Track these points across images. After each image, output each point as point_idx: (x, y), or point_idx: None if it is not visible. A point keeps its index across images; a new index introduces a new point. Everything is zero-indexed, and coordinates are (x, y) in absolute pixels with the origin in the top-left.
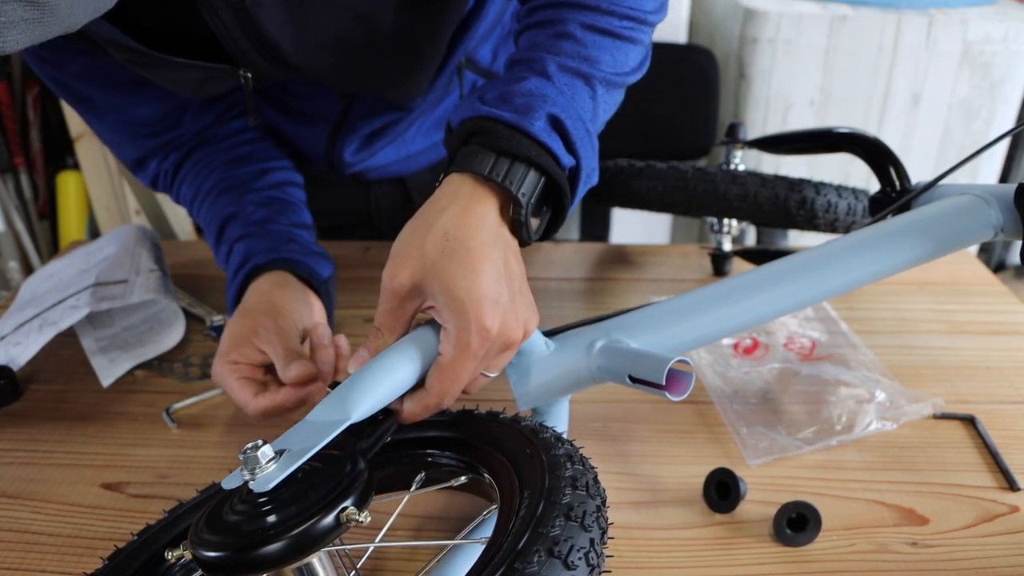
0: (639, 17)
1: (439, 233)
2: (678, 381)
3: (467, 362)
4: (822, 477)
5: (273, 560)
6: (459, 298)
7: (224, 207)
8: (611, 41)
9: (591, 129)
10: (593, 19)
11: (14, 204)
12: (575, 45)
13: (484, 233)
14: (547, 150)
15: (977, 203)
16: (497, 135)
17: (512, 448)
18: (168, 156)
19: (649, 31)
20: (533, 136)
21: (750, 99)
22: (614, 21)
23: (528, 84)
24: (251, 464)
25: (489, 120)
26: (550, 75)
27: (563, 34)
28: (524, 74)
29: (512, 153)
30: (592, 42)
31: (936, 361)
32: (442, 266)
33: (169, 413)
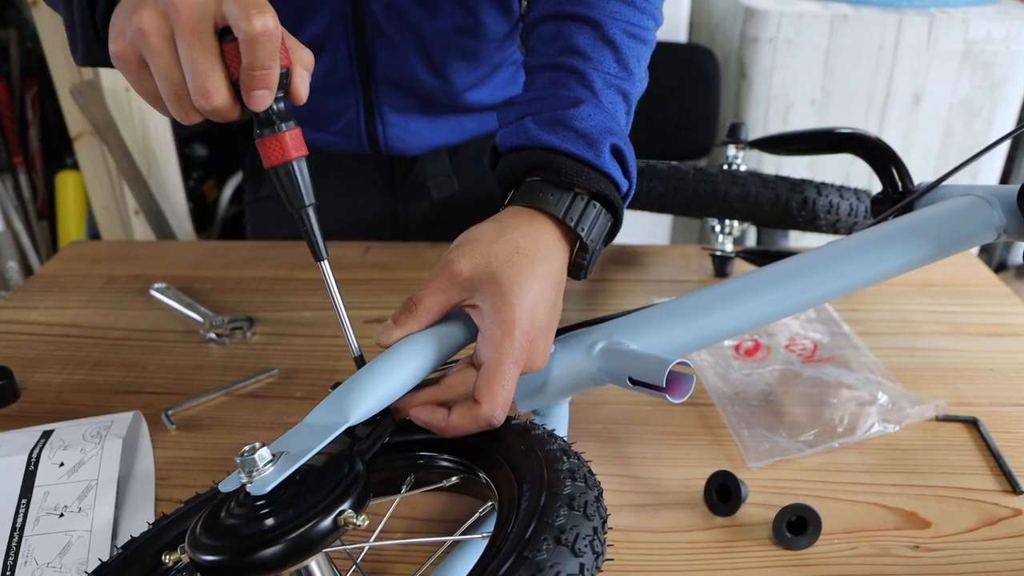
0: (656, 17)
1: (511, 243)
2: (679, 383)
3: (511, 367)
4: (823, 480)
5: (271, 564)
6: (512, 304)
7: None
8: (640, 47)
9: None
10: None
11: (13, 204)
12: (616, 54)
13: (550, 262)
14: (612, 180)
15: (980, 204)
16: (566, 171)
17: (506, 445)
18: None
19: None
20: (600, 169)
21: (751, 99)
22: (644, 22)
23: (584, 109)
24: (248, 467)
25: (554, 153)
26: (598, 93)
27: (607, 40)
28: (574, 92)
29: (574, 184)
30: (629, 50)
31: (938, 363)
32: (505, 271)
33: (168, 415)
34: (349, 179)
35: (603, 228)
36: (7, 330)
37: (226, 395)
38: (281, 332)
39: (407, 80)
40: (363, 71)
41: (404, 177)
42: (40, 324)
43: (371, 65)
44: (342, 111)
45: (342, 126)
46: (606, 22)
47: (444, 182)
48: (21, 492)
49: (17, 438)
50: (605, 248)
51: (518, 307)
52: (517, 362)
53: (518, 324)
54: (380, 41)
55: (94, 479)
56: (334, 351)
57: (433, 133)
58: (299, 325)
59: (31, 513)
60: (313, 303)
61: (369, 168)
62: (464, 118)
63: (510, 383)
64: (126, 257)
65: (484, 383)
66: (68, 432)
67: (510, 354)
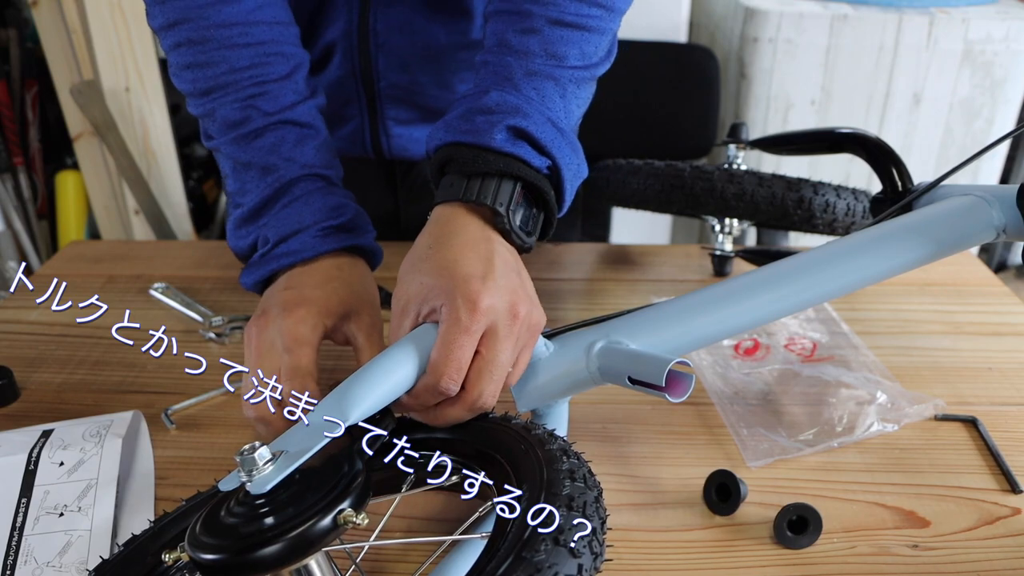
0: (607, 4)
1: (423, 248)
2: (678, 383)
3: (459, 336)
4: (823, 479)
5: (270, 562)
6: (443, 279)
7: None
8: (579, 34)
9: (564, 127)
10: (561, 11)
11: (13, 204)
12: (542, 43)
13: (466, 235)
14: (516, 158)
15: (979, 204)
16: (463, 160)
17: (506, 445)
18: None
19: (618, 19)
20: (496, 150)
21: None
22: (583, 9)
23: (488, 99)
24: (248, 466)
25: (454, 146)
26: (516, 83)
27: (529, 30)
28: (487, 85)
29: (481, 172)
30: (559, 38)
31: (937, 362)
32: (427, 267)
33: (168, 414)
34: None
35: (509, 193)
36: (7, 330)
37: (225, 394)
38: None
39: (412, 95)
40: (367, 87)
41: (405, 178)
42: (40, 324)
43: (375, 83)
44: (347, 120)
45: (347, 133)
46: (534, 11)
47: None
48: (21, 491)
49: (17, 438)
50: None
51: (450, 278)
52: (467, 329)
53: (459, 291)
54: (385, 59)
55: (94, 478)
56: (333, 351)
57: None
58: None
59: (31, 512)
60: None
61: (371, 169)
62: None
63: (457, 351)
64: (126, 257)
65: (433, 355)
66: (68, 431)
67: (456, 323)
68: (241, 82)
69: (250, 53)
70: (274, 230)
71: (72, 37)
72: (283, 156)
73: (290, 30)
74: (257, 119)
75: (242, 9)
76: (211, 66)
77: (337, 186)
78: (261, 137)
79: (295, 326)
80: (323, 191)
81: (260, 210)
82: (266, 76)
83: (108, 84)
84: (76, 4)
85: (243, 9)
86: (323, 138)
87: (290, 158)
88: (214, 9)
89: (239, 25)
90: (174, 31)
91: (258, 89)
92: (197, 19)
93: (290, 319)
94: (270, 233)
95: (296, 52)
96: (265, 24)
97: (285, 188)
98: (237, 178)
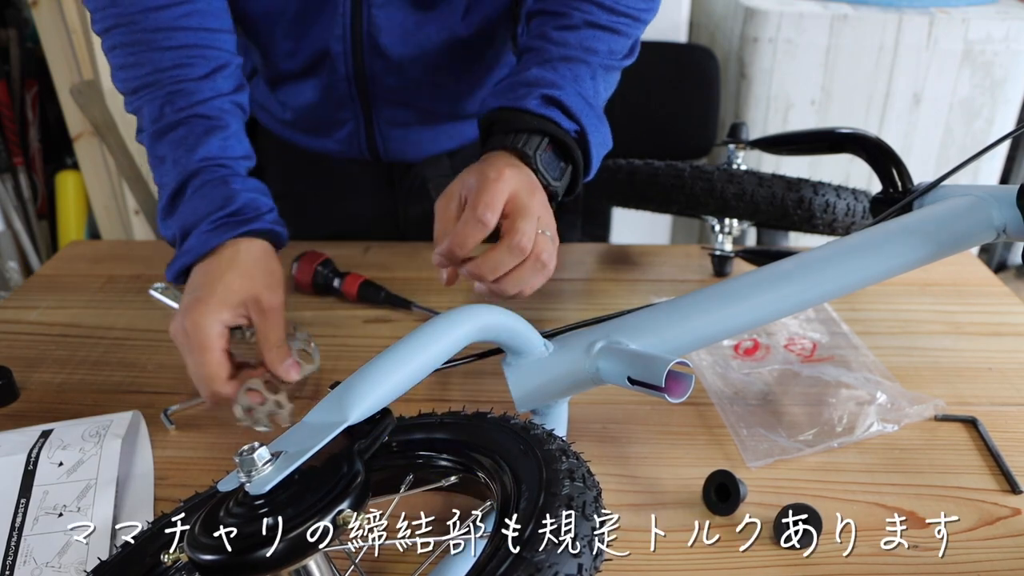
0: (634, 15)
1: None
2: (677, 383)
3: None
4: (822, 479)
5: (269, 563)
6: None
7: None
8: (609, 35)
9: (594, 103)
10: (595, 17)
11: (13, 204)
12: (577, 38)
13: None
14: (547, 119)
15: (979, 204)
16: (504, 120)
17: (505, 445)
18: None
19: (641, 27)
20: (531, 111)
21: (751, 99)
22: (613, 18)
23: (529, 74)
24: (247, 466)
25: (498, 111)
26: (554, 64)
27: (567, 27)
28: (529, 65)
29: (517, 128)
30: (592, 36)
31: (937, 362)
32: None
33: (167, 415)
34: (349, 181)
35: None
36: (7, 330)
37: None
38: None
39: (406, 96)
40: (361, 90)
41: (403, 178)
42: (39, 324)
43: (368, 86)
44: (343, 123)
45: (344, 136)
46: (572, 13)
47: (444, 182)
48: (20, 492)
49: (16, 438)
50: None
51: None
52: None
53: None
54: (378, 62)
55: (93, 478)
56: (333, 351)
57: (433, 142)
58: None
59: (30, 512)
60: (312, 303)
61: (369, 170)
62: (462, 124)
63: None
64: (126, 257)
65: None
66: (67, 432)
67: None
68: (163, 81)
69: (172, 55)
70: (177, 227)
71: (72, 37)
72: (187, 148)
73: (217, 36)
74: (170, 115)
75: (169, 16)
76: (139, 67)
77: (237, 175)
78: (173, 131)
79: (195, 330)
80: (217, 182)
81: (171, 203)
82: (185, 76)
83: (108, 84)
84: (76, 4)
85: (170, 16)
86: (232, 130)
87: (192, 150)
88: (144, 15)
89: (165, 30)
90: (110, 35)
91: (176, 87)
92: (129, 24)
93: (190, 320)
94: (176, 230)
95: (220, 55)
96: (190, 30)
97: (187, 181)
98: (155, 171)
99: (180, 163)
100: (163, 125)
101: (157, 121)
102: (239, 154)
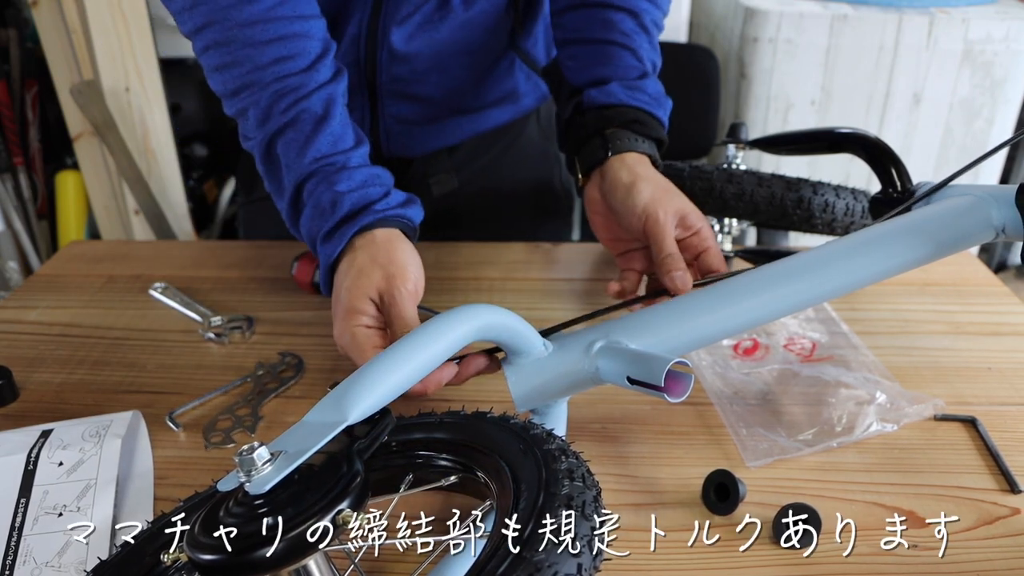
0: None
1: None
2: (677, 383)
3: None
4: (822, 479)
5: (269, 563)
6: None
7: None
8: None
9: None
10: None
11: (13, 204)
12: (651, 40)
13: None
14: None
15: (978, 204)
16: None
17: (504, 445)
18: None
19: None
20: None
21: (751, 99)
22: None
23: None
24: (247, 466)
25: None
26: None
27: (644, 27)
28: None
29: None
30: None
31: (937, 362)
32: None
33: (172, 418)
34: None
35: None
36: (6, 330)
37: (226, 395)
38: (280, 332)
39: (412, 90)
40: (369, 82)
41: (403, 177)
42: (39, 324)
43: (377, 77)
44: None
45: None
46: (642, 14)
47: (444, 178)
48: (20, 491)
49: (16, 437)
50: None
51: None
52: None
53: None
54: (388, 56)
55: (93, 478)
56: (333, 350)
57: (435, 138)
58: (298, 325)
59: (30, 512)
60: (312, 302)
61: None
62: (463, 119)
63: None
64: (126, 257)
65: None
66: (67, 431)
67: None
68: (265, 79)
69: (271, 49)
70: (305, 236)
71: (72, 37)
72: (297, 151)
73: (310, 23)
74: (278, 116)
75: (261, 8)
76: (237, 65)
77: (346, 168)
78: (282, 134)
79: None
80: (325, 187)
81: (292, 208)
82: (288, 71)
83: (108, 84)
84: (76, 4)
85: (262, 8)
86: (339, 120)
87: (302, 152)
88: (236, 9)
89: (259, 23)
90: (202, 34)
91: (280, 84)
92: (222, 20)
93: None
94: (304, 239)
95: (317, 43)
96: (285, 19)
97: (301, 185)
98: (269, 174)
99: (292, 168)
100: (273, 128)
101: (265, 124)
102: (349, 144)
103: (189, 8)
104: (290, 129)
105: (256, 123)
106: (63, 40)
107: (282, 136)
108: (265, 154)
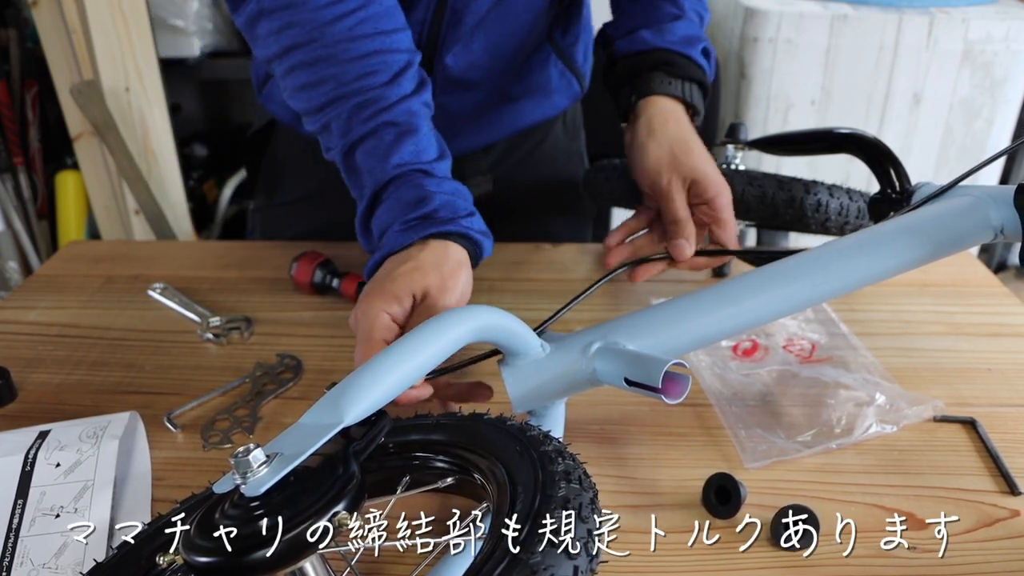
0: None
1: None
2: (675, 384)
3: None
4: (821, 480)
5: (265, 565)
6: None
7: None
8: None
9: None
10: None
11: (13, 204)
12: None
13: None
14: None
15: (977, 204)
16: (679, 66)
17: (501, 447)
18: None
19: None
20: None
21: (751, 99)
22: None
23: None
24: (242, 468)
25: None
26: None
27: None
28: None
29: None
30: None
31: (937, 363)
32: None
33: (170, 419)
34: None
35: (700, 99)
36: (5, 330)
37: (224, 395)
38: (279, 332)
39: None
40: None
41: None
42: (38, 324)
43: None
44: None
45: None
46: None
47: (481, 181)
48: (17, 492)
49: (13, 438)
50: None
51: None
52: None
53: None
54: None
55: (90, 480)
56: (331, 351)
57: (476, 135)
58: (297, 325)
59: (27, 513)
60: (311, 304)
61: None
62: (503, 111)
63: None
64: (125, 257)
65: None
66: (65, 432)
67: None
68: (348, 94)
69: (355, 67)
70: (376, 232)
71: (72, 37)
72: (380, 158)
73: (393, 37)
74: (358, 127)
75: (344, 27)
76: (322, 84)
77: (432, 176)
78: (363, 143)
79: (363, 319)
80: (412, 186)
81: (368, 211)
82: (370, 85)
83: (108, 84)
84: (76, 4)
85: (345, 27)
86: (422, 132)
87: (385, 158)
88: (329, 29)
89: (343, 42)
90: (289, 56)
91: (362, 98)
92: (310, 42)
93: (360, 310)
94: (375, 236)
95: (400, 57)
96: (366, 37)
97: (383, 188)
98: (350, 183)
99: (374, 173)
100: (354, 138)
101: (347, 134)
102: (433, 156)
103: (277, 32)
104: (371, 138)
105: (338, 134)
106: (63, 40)
107: (362, 144)
108: (345, 162)
